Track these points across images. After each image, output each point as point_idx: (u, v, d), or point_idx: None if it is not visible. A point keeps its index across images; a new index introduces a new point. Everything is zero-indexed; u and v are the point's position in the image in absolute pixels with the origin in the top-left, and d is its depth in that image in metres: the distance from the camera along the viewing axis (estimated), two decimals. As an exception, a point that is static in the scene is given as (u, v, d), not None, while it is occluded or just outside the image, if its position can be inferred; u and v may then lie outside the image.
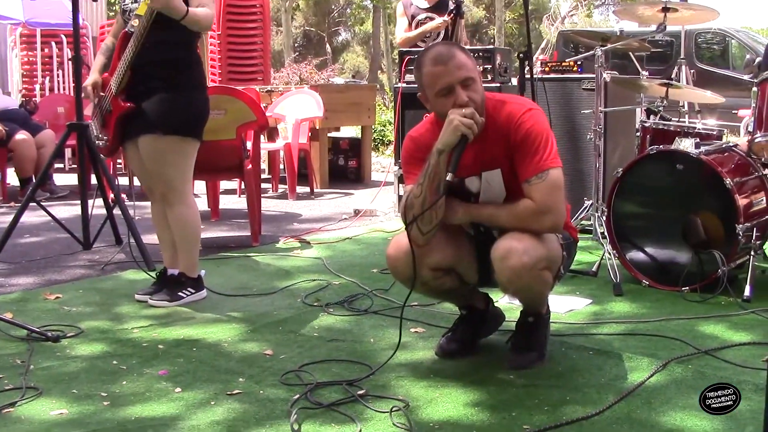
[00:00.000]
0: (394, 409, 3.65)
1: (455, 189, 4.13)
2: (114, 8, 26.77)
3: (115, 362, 4.33)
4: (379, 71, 47.90)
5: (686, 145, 5.94)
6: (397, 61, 8.95)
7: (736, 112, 11.54)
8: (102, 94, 5.40)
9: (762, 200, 5.87)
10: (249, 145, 7.95)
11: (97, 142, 5.54)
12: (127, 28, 5.24)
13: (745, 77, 11.68)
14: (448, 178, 3.86)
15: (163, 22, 5.11)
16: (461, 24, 8.31)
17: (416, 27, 8.85)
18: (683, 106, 7.45)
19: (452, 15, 7.71)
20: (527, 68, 6.32)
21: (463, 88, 3.95)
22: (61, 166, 13.38)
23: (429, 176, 3.93)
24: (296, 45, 51.80)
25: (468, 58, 4.01)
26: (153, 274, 5.82)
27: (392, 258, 4.17)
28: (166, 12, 5.07)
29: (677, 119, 6.66)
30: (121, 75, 5.23)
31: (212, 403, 3.78)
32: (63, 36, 14.98)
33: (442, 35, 8.45)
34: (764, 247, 6.00)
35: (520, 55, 6.28)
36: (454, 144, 3.89)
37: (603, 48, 6.79)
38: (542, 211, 3.94)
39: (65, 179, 11.60)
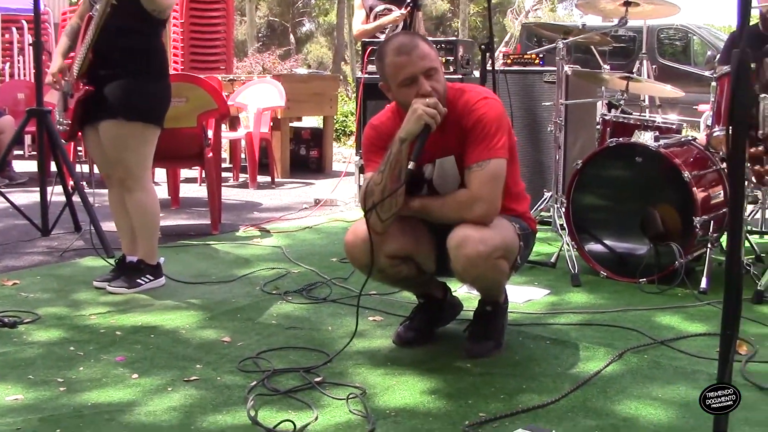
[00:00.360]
0: (350, 396, 3.65)
1: (412, 176, 4.14)
2: (76, -5, 26.61)
3: (72, 348, 4.30)
4: (342, 62, 47.82)
5: (646, 138, 5.98)
6: (361, 52, 8.93)
7: (696, 107, 11.61)
8: (66, 79, 5.37)
9: (719, 194, 5.92)
10: (210, 133, 7.92)
11: (58, 126, 5.50)
12: (92, 12, 5.21)
13: (707, 73, 11.71)
14: (410, 167, 3.87)
15: (127, 8, 5.09)
16: (419, 16, 8.30)
17: (374, 19, 8.82)
18: (644, 101, 7.49)
19: (409, 8, 7.70)
20: (489, 60, 6.33)
21: (426, 78, 3.96)
22: (21, 153, 13.28)
23: (390, 164, 3.93)
24: (260, 35, 51.63)
25: (430, 48, 4.02)
26: (112, 261, 5.79)
27: (350, 245, 4.18)
28: None
29: (638, 113, 6.70)
30: (82, 58, 5.20)
31: (169, 389, 3.77)
32: (24, 21, 14.87)
33: (400, 27, 8.44)
34: (721, 240, 6.04)
35: (482, 46, 6.28)
36: (417, 133, 3.90)
37: (565, 41, 6.81)
38: (474, 200, 3.96)
39: (25, 166, 11.52)
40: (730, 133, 2.29)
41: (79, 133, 5.50)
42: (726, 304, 2.31)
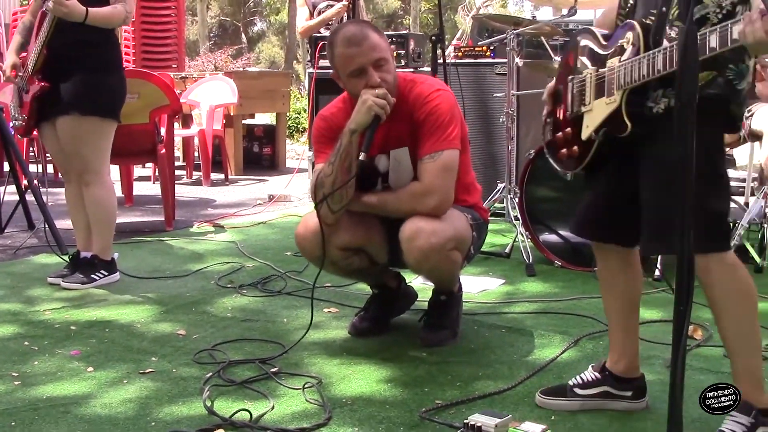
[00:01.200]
0: (307, 385, 3.65)
1: (365, 168, 4.15)
2: (25, -4, 26.41)
3: (26, 343, 4.28)
4: (294, 61, 47.74)
5: (597, 127, 6.00)
6: (309, 50, 8.93)
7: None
8: (20, 74, 5.33)
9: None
10: (163, 131, 7.89)
11: (14, 122, 5.46)
12: (44, 7, 5.18)
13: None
14: (360, 158, 3.87)
15: (81, 4, 5.07)
16: (360, 6, 8.32)
17: (318, 15, 8.82)
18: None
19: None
20: (440, 52, 6.34)
21: (376, 69, 3.95)
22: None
23: (341, 156, 3.93)
24: (211, 35, 51.44)
25: (380, 39, 4.01)
26: (66, 257, 5.76)
27: (300, 237, 4.18)
28: (67, 18, 5.05)
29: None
30: (36, 54, 5.18)
31: (125, 381, 3.76)
32: (-27, 23, 14.74)
33: (345, 19, 8.44)
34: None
35: (432, 38, 6.30)
36: (367, 124, 3.90)
37: (515, 31, 6.82)
38: (427, 192, 3.97)
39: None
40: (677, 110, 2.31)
41: (35, 131, 5.48)
42: (679, 279, 2.32)
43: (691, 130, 2.26)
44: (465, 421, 3.04)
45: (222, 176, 11.17)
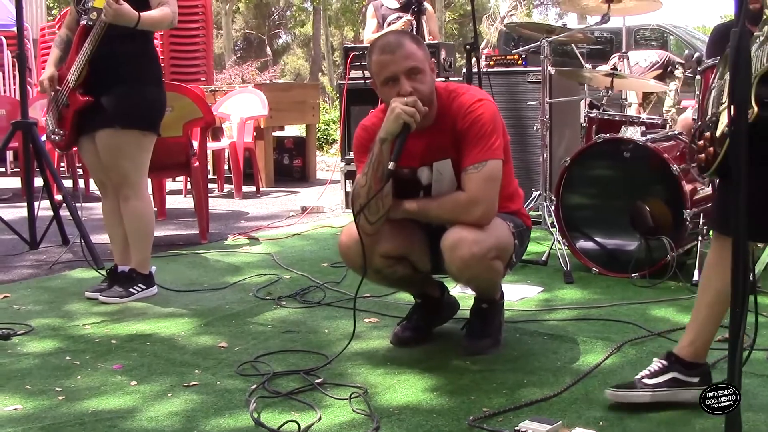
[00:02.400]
0: (353, 395, 3.64)
1: (406, 180, 4.15)
2: (53, 12, 26.61)
3: (68, 358, 4.28)
4: (320, 73, 47.87)
5: (633, 133, 6.00)
6: (338, 62, 8.97)
7: (678, 105, 11.68)
8: (58, 87, 5.35)
9: (708, 186, 5.94)
10: (195, 144, 7.90)
11: (52, 136, 5.47)
12: (84, 21, 5.19)
13: (686, 72, 11.80)
14: (390, 167, 3.86)
15: None
16: (425, 19, 8.36)
17: (387, 27, 8.86)
18: (625, 99, 7.52)
19: (414, 13, 7.75)
20: (474, 61, 6.33)
21: (408, 78, 3.94)
22: (3, 170, 13.24)
23: (373, 165, 3.94)
24: (236, 48, 51.66)
25: (418, 48, 4.00)
26: (103, 272, 5.77)
27: (344, 245, 4.17)
28: (119, 23, 5.05)
29: (619, 112, 6.73)
30: (79, 69, 5.19)
31: (169, 395, 3.76)
32: (3, 38, 14.81)
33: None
34: (710, 232, 6.06)
35: (467, 47, 6.29)
36: (397, 132, 3.90)
37: (548, 39, 6.82)
38: (472, 202, 3.95)
39: (7, 182, 11.49)
40: (732, 112, 2.30)
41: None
42: (734, 281, 2.30)
43: (745, 132, 2.24)
44: (516, 428, 3.02)
45: (253, 189, 11.18)
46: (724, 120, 3.31)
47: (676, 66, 11.91)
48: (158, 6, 5.23)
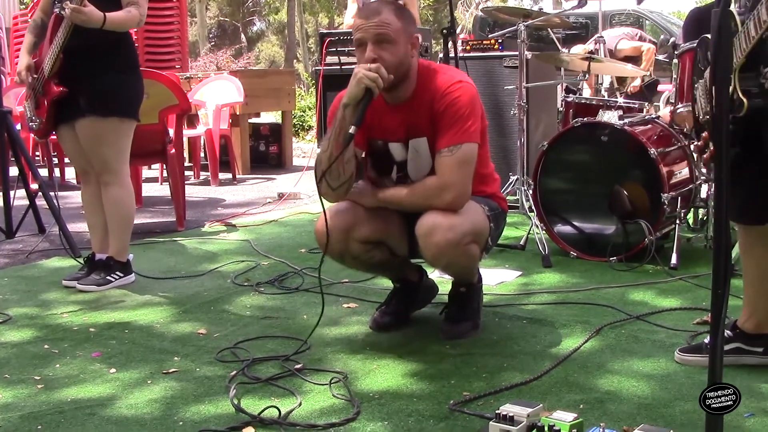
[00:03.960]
0: (333, 380, 3.64)
1: (380, 154, 4.15)
2: (25, 1, 26.42)
3: (46, 346, 4.25)
4: (294, 60, 47.75)
5: (610, 117, 6.01)
6: (312, 49, 8.97)
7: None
8: (35, 75, 5.32)
9: (685, 170, 5.96)
10: (171, 131, 7.87)
11: (30, 123, 5.44)
12: (56, 10, 5.16)
13: (660, 57, 11.79)
14: (351, 131, 3.84)
15: (95, 6, 5.05)
16: (404, 3, 8.36)
17: None
18: (602, 83, 7.53)
19: None
20: (450, 45, 6.32)
21: (375, 45, 3.93)
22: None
23: (335, 130, 3.94)
24: (211, 35, 51.48)
25: (397, 20, 3.96)
26: (80, 260, 5.74)
27: (320, 231, 4.13)
28: (85, 25, 5.03)
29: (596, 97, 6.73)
30: (53, 58, 5.16)
31: (149, 382, 3.74)
32: (-25, 28, 14.72)
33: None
34: (688, 216, 6.09)
35: (444, 31, 6.27)
36: (359, 97, 3.89)
37: (525, 24, 6.81)
38: (444, 187, 3.93)
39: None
40: (714, 94, 2.30)
41: (53, 134, 5.48)
42: (716, 262, 2.31)
43: (727, 112, 2.24)
44: (497, 411, 3.02)
45: (229, 176, 11.15)
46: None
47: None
48: (127, 5, 5.21)
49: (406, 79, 4.03)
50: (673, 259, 5.56)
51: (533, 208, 6.16)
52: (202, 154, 11.90)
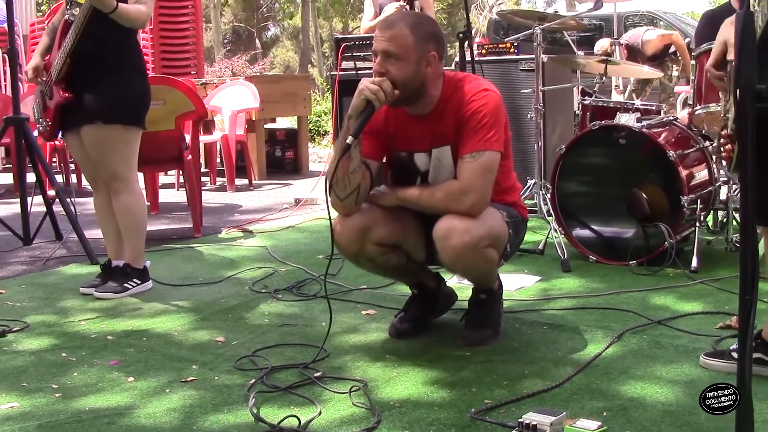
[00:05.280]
0: (353, 389, 3.60)
1: (404, 165, 4.13)
2: (42, 8, 26.52)
3: (64, 354, 4.24)
4: (309, 65, 47.78)
5: (628, 119, 5.97)
6: (327, 54, 8.96)
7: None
8: (44, 78, 5.31)
9: (704, 172, 5.92)
10: (188, 138, 7.85)
11: (38, 125, 5.43)
12: (67, 17, 5.15)
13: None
14: (348, 141, 3.85)
15: (101, 13, 5.02)
16: (420, 5, 8.31)
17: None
18: (618, 86, 7.50)
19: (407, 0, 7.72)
20: (467, 49, 6.29)
21: (384, 59, 3.93)
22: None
23: (340, 141, 3.94)
24: (225, 41, 51.54)
25: (410, 35, 3.92)
26: (97, 267, 5.72)
27: (337, 233, 4.13)
28: (96, 5, 4.99)
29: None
30: (60, 63, 5.15)
31: (167, 390, 3.71)
32: (-7, 34, 14.74)
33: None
34: (707, 218, 6.05)
35: (460, 35, 6.24)
36: (361, 109, 3.89)
37: (541, 27, 6.78)
38: (464, 191, 3.90)
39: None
40: (737, 97, 2.27)
41: (61, 141, 5.46)
42: (743, 266, 2.27)
43: (753, 115, 2.21)
44: (519, 420, 2.99)
45: (246, 181, 11.15)
46: (731, 115, 3.35)
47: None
48: (136, 2, 5.18)
49: (423, 94, 4.01)
50: (694, 263, 5.52)
51: (551, 212, 6.13)
52: (219, 160, 11.89)
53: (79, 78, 5.19)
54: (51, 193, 7.16)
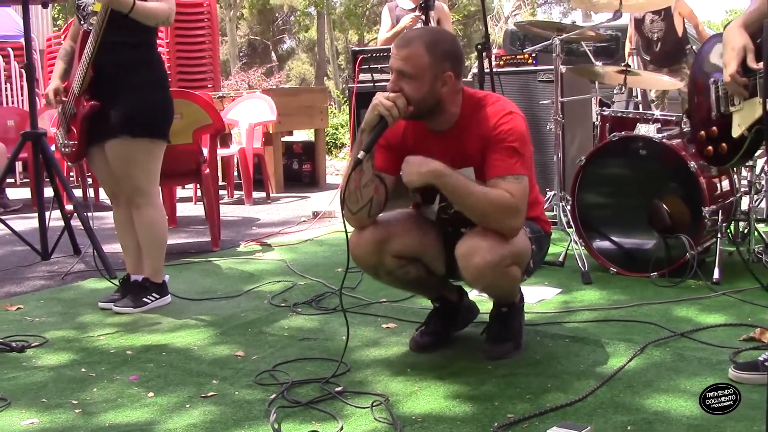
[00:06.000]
0: (375, 404, 3.58)
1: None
2: (58, 23, 26.60)
3: (83, 370, 4.22)
4: (325, 77, 47.84)
5: (648, 130, 5.94)
6: (343, 66, 8.96)
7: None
8: (64, 99, 5.29)
9: (725, 182, 5.89)
10: (205, 151, 7.84)
11: (63, 149, 5.40)
12: (85, 27, 5.15)
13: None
14: (359, 156, 3.85)
15: (122, 23, 5.01)
16: (437, 17, 8.30)
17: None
18: (636, 96, 7.46)
19: (422, 9, 7.70)
20: (486, 60, 6.27)
21: (398, 77, 3.91)
22: (12, 180, 13.21)
23: (353, 155, 3.94)
24: (241, 54, 51.67)
25: (425, 55, 3.89)
26: (115, 281, 5.71)
27: (353, 244, 4.12)
28: (114, 6, 4.97)
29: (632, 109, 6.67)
30: (82, 74, 5.12)
31: (187, 406, 3.70)
32: (10, 49, 14.78)
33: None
34: (729, 229, 6.01)
35: (478, 47, 6.22)
36: (374, 124, 3.87)
37: (560, 37, 6.76)
38: (515, 210, 3.84)
39: (17, 193, 11.46)
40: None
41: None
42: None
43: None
44: (544, 435, 2.97)
45: (263, 195, 11.14)
46: (737, 121, 3.34)
47: None
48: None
49: (441, 111, 3.99)
50: (716, 274, 5.48)
51: (571, 223, 6.10)
52: (236, 173, 11.88)
53: (102, 92, 5.17)
54: (69, 207, 7.16)
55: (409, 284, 4.39)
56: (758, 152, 4.78)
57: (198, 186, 9.21)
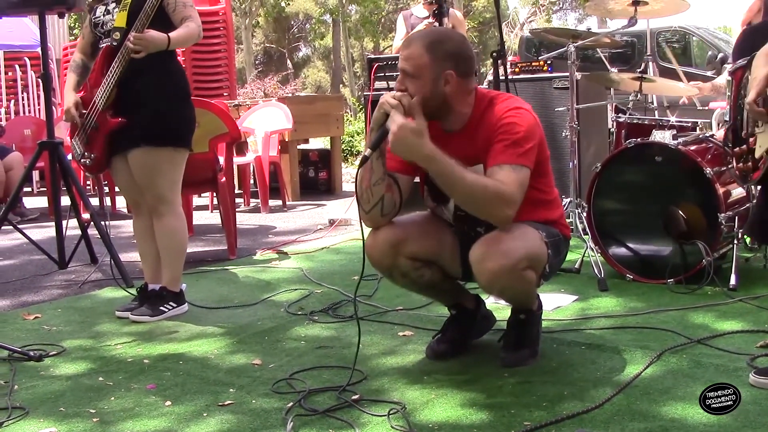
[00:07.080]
0: (391, 411, 3.58)
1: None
2: (74, 33, 26.66)
3: (100, 379, 4.23)
4: (340, 85, 47.85)
5: (664, 137, 5.93)
6: (358, 74, 8.98)
7: (703, 108, 11.56)
8: (84, 111, 5.31)
9: (741, 189, 5.87)
10: (221, 159, 7.86)
11: (82, 160, 5.42)
12: (109, 42, 5.17)
13: (708, 73, 11.69)
14: (366, 153, 3.89)
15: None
16: (450, 23, 8.31)
17: None
18: (651, 103, 7.45)
19: (435, 16, 7.71)
20: (501, 68, 6.28)
21: (403, 76, 3.95)
22: (29, 189, 13.26)
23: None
24: (257, 62, 51.72)
25: (426, 54, 3.91)
26: (132, 291, 5.73)
27: (369, 246, 4.14)
28: (152, 51, 5.04)
29: (647, 116, 6.67)
30: (108, 91, 5.15)
31: (204, 415, 3.70)
32: (27, 59, 14.84)
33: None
34: (745, 236, 6.00)
35: (494, 54, 6.23)
36: (381, 122, 3.88)
37: (575, 44, 6.76)
38: (507, 200, 3.79)
39: (34, 202, 11.49)
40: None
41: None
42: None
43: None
44: (561, 443, 2.97)
45: (279, 203, 11.16)
46: (760, 142, 3.38)
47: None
48: (182, 22, 5.20)
49: (450, 110, 4.01)
50: (732, 280, 5.48)
51: (587, 230, 6.09)
52: (252, 182, 11.89)
53: (125, 103, 5.21)
54: (86, 216, 7.19)
55: (425, 287, 4.38)
56: None
57: (214, 194, 9.23)
